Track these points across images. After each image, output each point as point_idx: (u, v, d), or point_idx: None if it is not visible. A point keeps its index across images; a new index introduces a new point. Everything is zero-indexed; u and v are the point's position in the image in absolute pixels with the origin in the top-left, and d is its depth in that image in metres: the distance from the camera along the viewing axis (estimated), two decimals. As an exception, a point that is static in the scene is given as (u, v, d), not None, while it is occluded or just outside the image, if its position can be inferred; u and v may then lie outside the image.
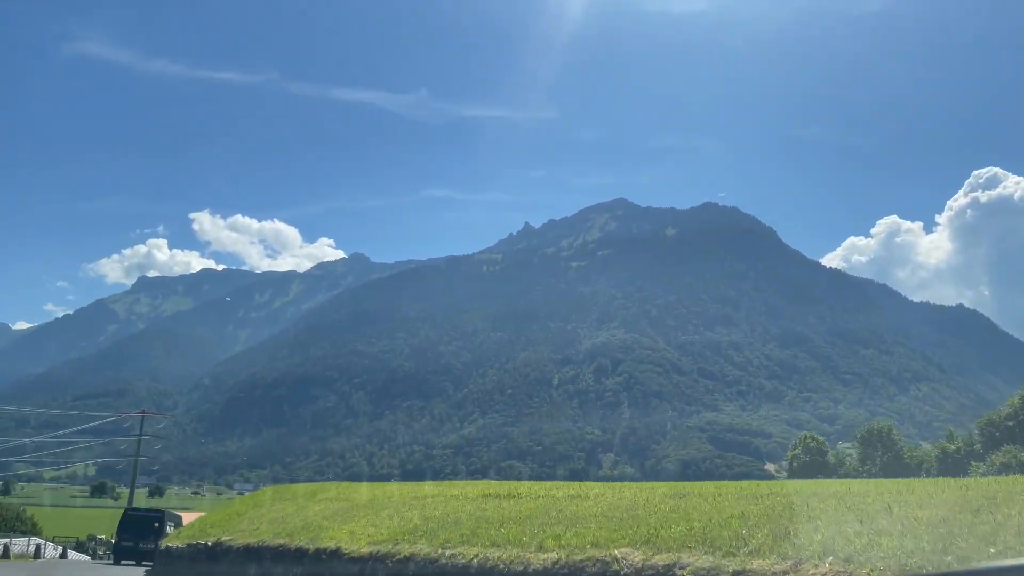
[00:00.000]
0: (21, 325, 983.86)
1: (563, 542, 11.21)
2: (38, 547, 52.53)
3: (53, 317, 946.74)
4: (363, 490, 23.32)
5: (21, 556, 49.40)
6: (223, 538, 19.04)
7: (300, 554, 15.29)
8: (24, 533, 63.98)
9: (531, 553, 11.23)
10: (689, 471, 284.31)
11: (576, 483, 21.55)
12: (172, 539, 22.86)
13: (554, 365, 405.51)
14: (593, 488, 17.07)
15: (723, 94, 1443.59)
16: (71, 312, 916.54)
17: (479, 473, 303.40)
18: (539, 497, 15.78)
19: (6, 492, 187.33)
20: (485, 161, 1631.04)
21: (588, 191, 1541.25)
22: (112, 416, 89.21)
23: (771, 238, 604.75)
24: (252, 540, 17.69)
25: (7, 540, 48.92)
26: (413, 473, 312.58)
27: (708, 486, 16.00)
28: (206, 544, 19.35)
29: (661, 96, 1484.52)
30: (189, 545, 20.30)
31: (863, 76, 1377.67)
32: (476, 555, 11.73)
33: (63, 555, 57.17)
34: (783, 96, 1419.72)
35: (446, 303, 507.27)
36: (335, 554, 14.03)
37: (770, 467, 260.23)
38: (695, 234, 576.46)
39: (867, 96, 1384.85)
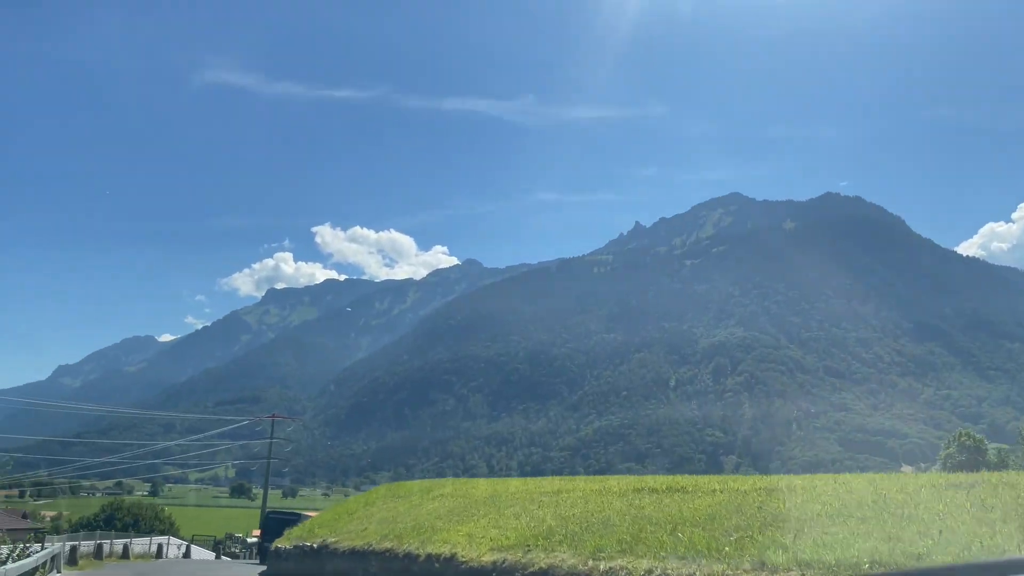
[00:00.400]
0: (166, 337, 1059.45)
1: (802, 557, 7.46)
2: (159, 546, 50.25)
3: (193, 329, 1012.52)
4: (482, 486, 20.51)
5: (142, 556, 47.69)
6: (328, 540, 17.12)
7: (409, 560, 12.91)
8: (162, 532, 63.99)
9: (745, 572, 7.64)
10: (817, 473, 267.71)
11: (761, 476, 16.80)
12: (282, 540, 21.44)
13: (670, 365, 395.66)
14: (794, 480, 12.70)
15: (841, 78, 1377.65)
16: (209, 324, 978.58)
17: (597, 475, 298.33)
18: (715, 491, 12.08)
19: (155, 493, 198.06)
20: (593, 162, 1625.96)
21: (700, 187, 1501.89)
22: (245, 420, 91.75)
23: (899, 227, 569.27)
24: (358, 543, 15.63)
25: (127, 540, 47.32)
26: (532, 475, 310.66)
27: (989, 476, 11.15)
28: (311, 546, 17.64)
29: (774, 85, 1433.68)
30: (296, 547, 18.50)
31: (995, 52, 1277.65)
32: (650, 571, 8.21)
33: (186, 554, 55.34)
34: (908, 77, 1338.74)
35: (558, 305, 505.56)
36: (450, 561, 11.09)
37: (907, 468, 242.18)
38: (815, 226, 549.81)
39: (1001, 72, 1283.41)
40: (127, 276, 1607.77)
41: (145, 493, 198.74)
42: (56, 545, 25.21)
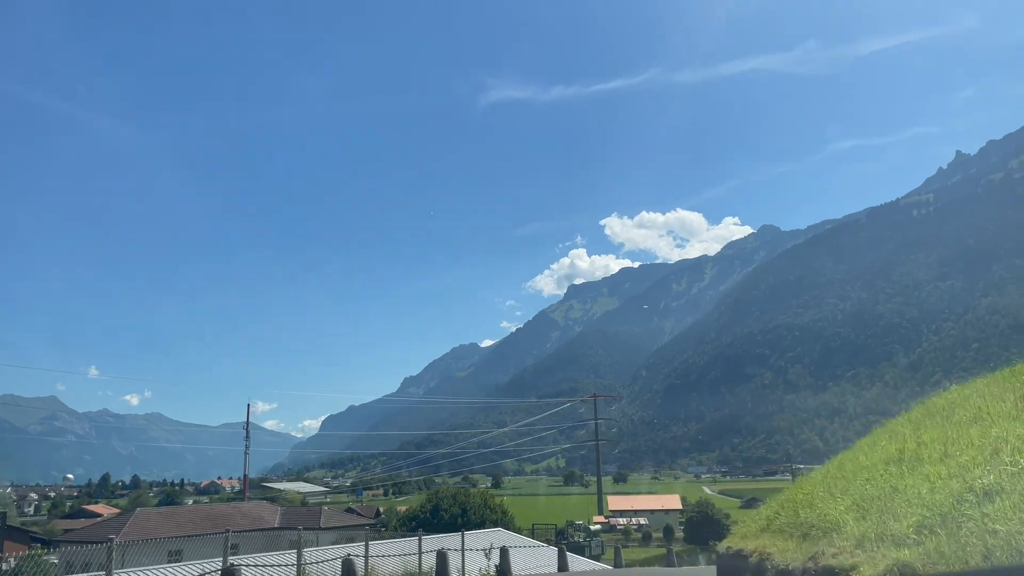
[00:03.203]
0: (487, 342, 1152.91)
1: None
2: (441, 556, 24.70)
3: (508, 333, 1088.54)
4: None
5: None
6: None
7: None
8: (494, 523, 52.19)
9: None
10: None
11: None
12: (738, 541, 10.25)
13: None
14: None
15: None
16: (521, 326, 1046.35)
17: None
18: None
19: (496, 485, 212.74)
20: (895, 97, 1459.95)
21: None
22: (566, 402, 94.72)
23: None
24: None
25: (379, 546, 26.76)
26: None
27: None
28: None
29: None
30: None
31: None
32: None
33: (502, 568, 27.69)
34: None
35: (875, 258, 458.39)
36: None
37: None
38: None
39: None
40: (450, 292, 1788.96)
41: (488, 486, 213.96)
42: None
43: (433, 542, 27.50)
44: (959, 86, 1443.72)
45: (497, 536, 35.13)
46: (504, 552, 28.25)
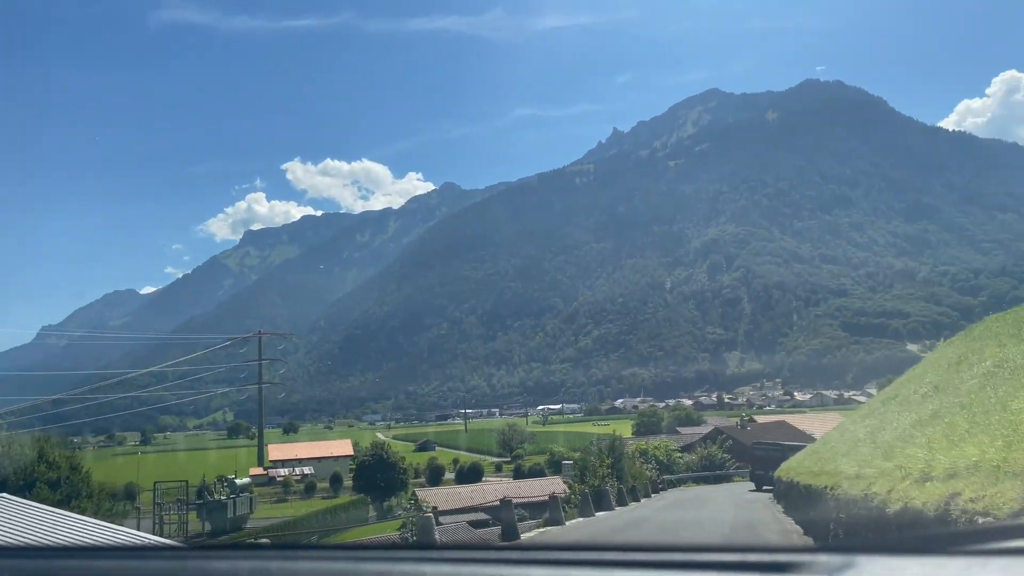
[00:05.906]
0: (148, 289, 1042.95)
1: None
2: None
3: (174, 279, 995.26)
4: None
5: None
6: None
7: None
8: (50, 484, 34.30)
9: None
10: (824, 360, 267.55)
11: None
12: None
13: (664, 268, 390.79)
14: None
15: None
16: (189, 272, 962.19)
17: (601, 384, 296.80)
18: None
19: (146, 442, 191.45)
20: (568, 73, 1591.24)
21: (678, 88, 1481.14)
22: (228, 340, 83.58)
23: (881, 108, 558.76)
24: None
25: None
26: (535, 390, 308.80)
27: None
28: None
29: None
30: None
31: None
32: None
33: None
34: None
35: (543, 220, 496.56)
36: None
37: (912, 347, 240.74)
38: (798, 114, 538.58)
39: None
40: (102, 232, 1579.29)
41: (137, 443, 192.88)
42: None
43: None
44: (620, 70, 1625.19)
45: None
46: None
